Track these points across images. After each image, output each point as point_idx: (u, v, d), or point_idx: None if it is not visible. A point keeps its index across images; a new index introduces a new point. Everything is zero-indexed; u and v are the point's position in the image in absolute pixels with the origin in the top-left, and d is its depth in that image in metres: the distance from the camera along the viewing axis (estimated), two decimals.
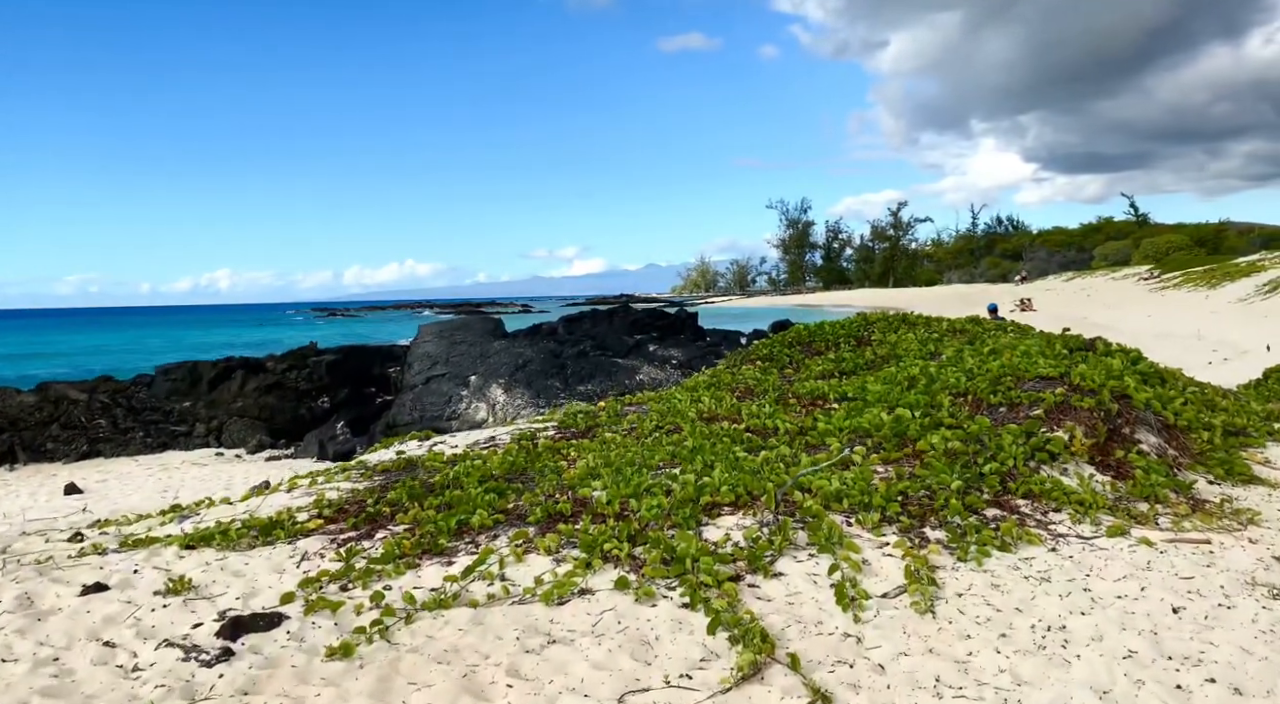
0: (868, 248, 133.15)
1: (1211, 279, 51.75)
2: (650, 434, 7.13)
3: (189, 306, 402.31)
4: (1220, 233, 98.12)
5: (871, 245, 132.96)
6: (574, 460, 6.54)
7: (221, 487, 12.28)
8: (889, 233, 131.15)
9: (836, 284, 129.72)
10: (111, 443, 15.05)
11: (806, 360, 9.61)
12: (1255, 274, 47.68)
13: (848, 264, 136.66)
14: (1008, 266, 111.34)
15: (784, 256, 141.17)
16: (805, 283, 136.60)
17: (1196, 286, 51.29)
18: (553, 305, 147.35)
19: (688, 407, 7.83)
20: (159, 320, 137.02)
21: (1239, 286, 45.10)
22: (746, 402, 7.86)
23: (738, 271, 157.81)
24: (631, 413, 8.16)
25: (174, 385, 17.06)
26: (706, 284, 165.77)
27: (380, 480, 6.55)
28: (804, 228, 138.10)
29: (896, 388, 7.04)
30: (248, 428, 16.04)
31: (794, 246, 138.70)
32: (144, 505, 10.52)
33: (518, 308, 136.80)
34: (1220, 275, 51.85)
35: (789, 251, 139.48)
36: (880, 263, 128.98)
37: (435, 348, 17.98)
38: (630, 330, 19.69)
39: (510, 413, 16.26)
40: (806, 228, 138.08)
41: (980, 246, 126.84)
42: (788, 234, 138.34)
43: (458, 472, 6.21)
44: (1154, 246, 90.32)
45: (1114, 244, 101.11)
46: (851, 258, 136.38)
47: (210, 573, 4.55)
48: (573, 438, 7.52)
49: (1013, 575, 4.05)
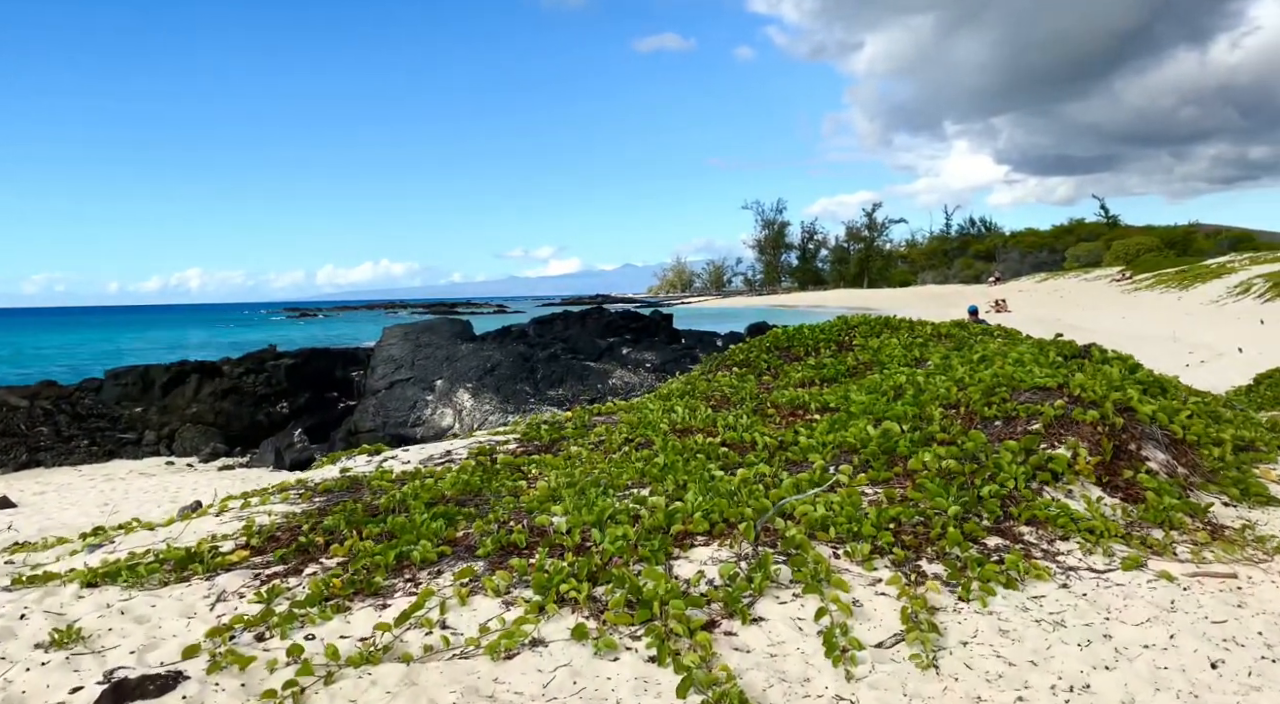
0: (843, 248, 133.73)
1: (1183, 281, 52.20)
2: (619, 448, 6.62)
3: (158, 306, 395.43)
4: (1189, 235, 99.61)
5: (846, 246, 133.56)
6: (535, 479, 6.01)
7: (167, 499, 11.59)
8: (864, 234, 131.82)
9: (812, 285, 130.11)
10: (53, 452, 14.26)
11: (785, 366, 9.14)
12: (1226, 276, 48.15)
13: (823, 265, 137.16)
14: (981, 268, 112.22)
15: (760, 257, 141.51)
16: (781, 283, 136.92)
17: (1169, 288, 51.72)
18: (528, 306, 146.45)
19: (660, 418, 7.31)
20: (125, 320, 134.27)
21: (1210, 288, 45.47)
22: (722, 412, 7.36)
23: (713, 272, 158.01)
24: (600, 424, 7.64)
25: (124, 390, 16.26)
26: (683, 284, 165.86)
27: (320, 502, 5.97)
28: (780, 228, 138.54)
29: (882, 398, 6.58)
30: (201, 435, 15.30)
31: (770, 247, 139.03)
32: (78, 522, 9.83)
33: (493, 308, 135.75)
34: (1192, 277, 52.33)
35: (765, 252, 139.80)
36: (855, 263, 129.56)
37: (400, 351, 17.33)
38: (604, 332, 19.14)
39: (477, 419, 15.66)
40: (782, 228, 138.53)
41: (954, 248, 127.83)
42: (763, 234, 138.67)
43: (405, 493, 5.64)
44: (1125, 248, 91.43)
45: (1085, 245, 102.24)
46: (827, 258, 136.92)
47: (109, 618, 3.96)
48: (536, 452, 6.98)
49: (1022, 618, 3.57)
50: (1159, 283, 56.49)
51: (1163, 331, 30.30)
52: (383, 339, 17.78)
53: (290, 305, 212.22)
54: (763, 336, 10.31)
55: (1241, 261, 54.85)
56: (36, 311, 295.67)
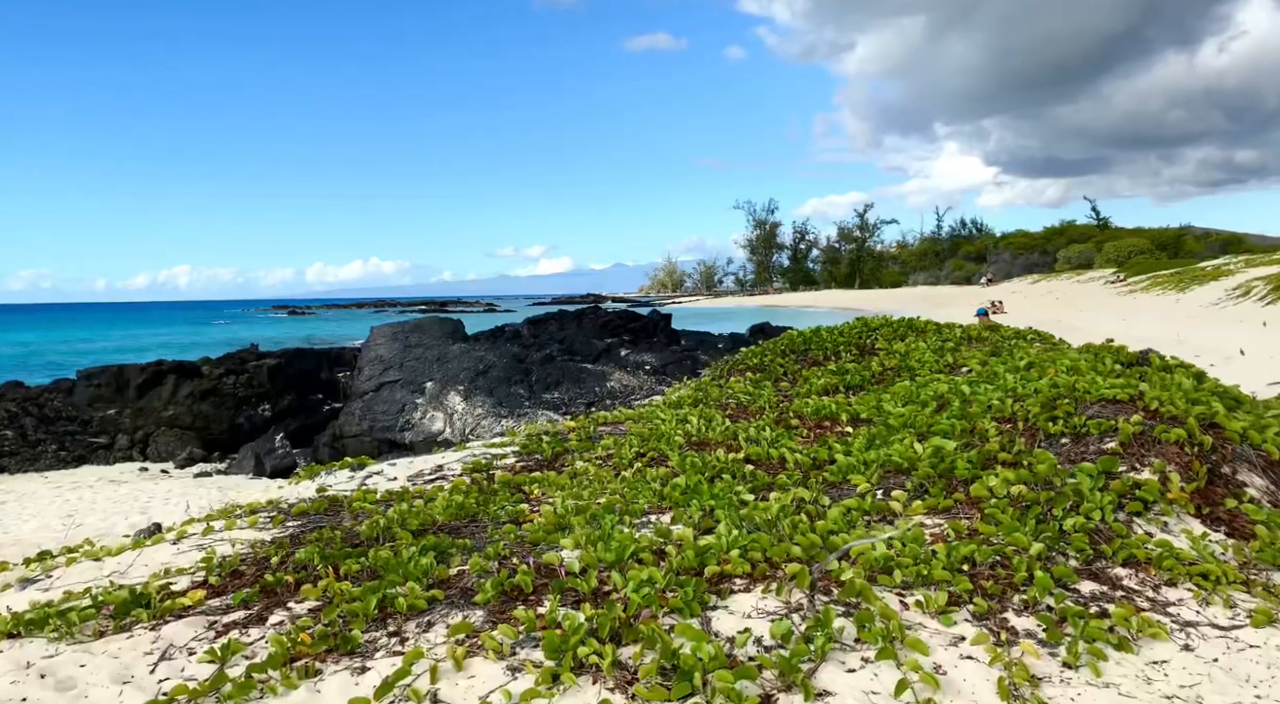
0: (834, 249, 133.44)
1: (1180, 283, 51.90)
2: (630, 465, 5.93)
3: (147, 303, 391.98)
4: (1180, 237, 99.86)
5: (838, 247, 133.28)
6: (538, 502, 5.31)
7: (136, 510, 10.83)
8: (856, 234, 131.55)
9: (803, 285, 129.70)
10: (17, 457, 13.46)
11: (804, 372, 8.47)
12: (1223, 278, 47.84)
13: (813, 265, 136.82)
14: (972, 269, 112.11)
15: (752, 257, 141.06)
16: (772, 283, 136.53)
17: (1165, 290, 51.39)
18: (520, 305, 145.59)
19: (673, 429, 6.63)
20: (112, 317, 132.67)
21: (1208, 291, 45.12)
22: (742, 423, 6.68)
23: (704, 272, 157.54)
24: (607, 436, 6.95)
25: (97, 391, 15.46)
26: (674, 284, 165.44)
27: (294, 527, 5.25)
28: (771, 229, 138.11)
29: (923, 410, 5.91)
30: (178, 439, 14.53)
31: (761, 247, 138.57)
32: (36, 537, 9.08)
33: (483, 307, 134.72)
34: (1188, 279, 52.03)
35: (756, 252, 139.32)
36: (847, 264, 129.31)
37: (388, 351, 16.59)
38: (600, 333, 18.44)
39: (470, 423, 14.95)
40: (774, 229, 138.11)
41: (945, 249, 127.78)
42: (755, 235, 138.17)
43: (391, 518, 4.94)
44: (1116, 250, 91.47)
45: (1077, 247, 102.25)
46: (818, 259, 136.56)
47: (24, 684, 3.25)
48: (538, 468, 6.29)
49: (1149, 695, 2.91)
50: (1155, 285, 56.20)
51: (1166, 334, 29.84)
52: (370, 338, 17.03)
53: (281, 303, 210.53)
54: (776, 339, 9.65)
55: (1237, 264, 54.63)
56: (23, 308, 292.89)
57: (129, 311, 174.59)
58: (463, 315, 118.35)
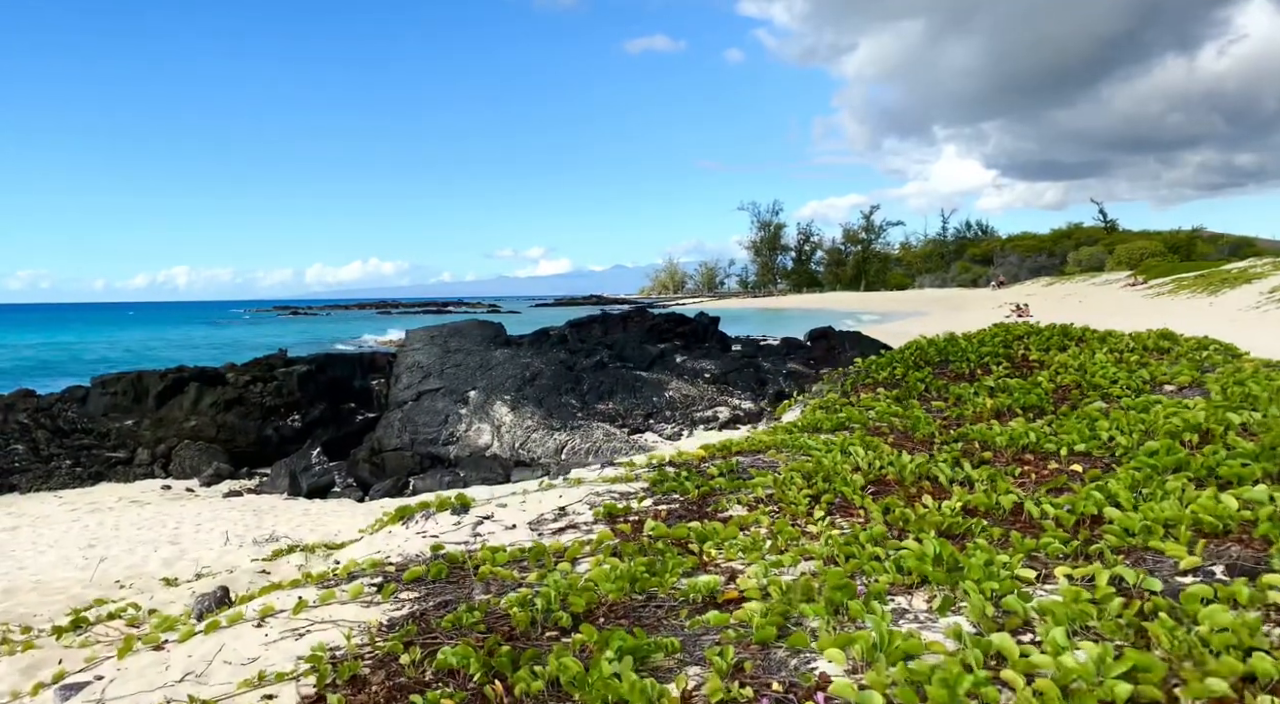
0: (839, 251, 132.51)
1: (1208, 285, 50.88)
2: (808, 512, 4.75)
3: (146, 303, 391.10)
4: (1192, 240, 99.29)
5: (843, 248, 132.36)
6: (716, 567, 4.12)
7: (165, 538, 9.63)
8: (861, 236, 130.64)
9: (806, 287, 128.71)
10: (30, 474, 12.26)
11: (952, 388, 7.28)
12: (1255, 281, 46.84)
13: (817, 267, 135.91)
14: (979, 271, 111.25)
15: (756, 259, 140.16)
16: (777, 285, 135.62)
17: (1194, 293, 50.35)
18: (522, 305, 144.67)
19: (838, 462, 5.43)
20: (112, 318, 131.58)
21: (1241, 294, 44.07)
22: (919, 456, 5.49)
23: (706, 274, 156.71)
24: (756, 469, 5.78)
25: (113, 400, 14.27)
26: (675, 286, 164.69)
27: (411, 601, 4.05)
28: (776, 230, 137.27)
29: (1179, 446, 4.71)
30: (202, 453, 13.34)
31: (765, 249, 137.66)
32: (56, 574, 7.88)
33: (486, 308, 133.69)
34: (1217, 281, 51.03)
35: (760, 254, 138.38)
36: (852, 266, 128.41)
37: (427, 357, 15.40)
38: (648, 337, 17.27)
39: (519, 436, 13.75)
40: (778, 230, 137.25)
41: (950, 251, 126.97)
42: (759, 236, 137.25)
43: (546, 596, 3.74)
44: (1128, 252, 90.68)
45: (1087, 249, 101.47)
46: (821, 261, 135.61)
47: None
48: (685, 513, 5.11)
49: None
50: (1180, 288, 55.15)
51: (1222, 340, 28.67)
52: (407, 343, 15.85)
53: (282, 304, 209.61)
54: (901, 349, 8.47)
55: (1264, 266, 53.60)
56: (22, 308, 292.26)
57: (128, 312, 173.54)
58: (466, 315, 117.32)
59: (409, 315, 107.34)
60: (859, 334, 16.65)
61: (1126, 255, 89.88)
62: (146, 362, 28.04)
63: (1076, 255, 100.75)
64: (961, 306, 70.69)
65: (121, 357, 44.00)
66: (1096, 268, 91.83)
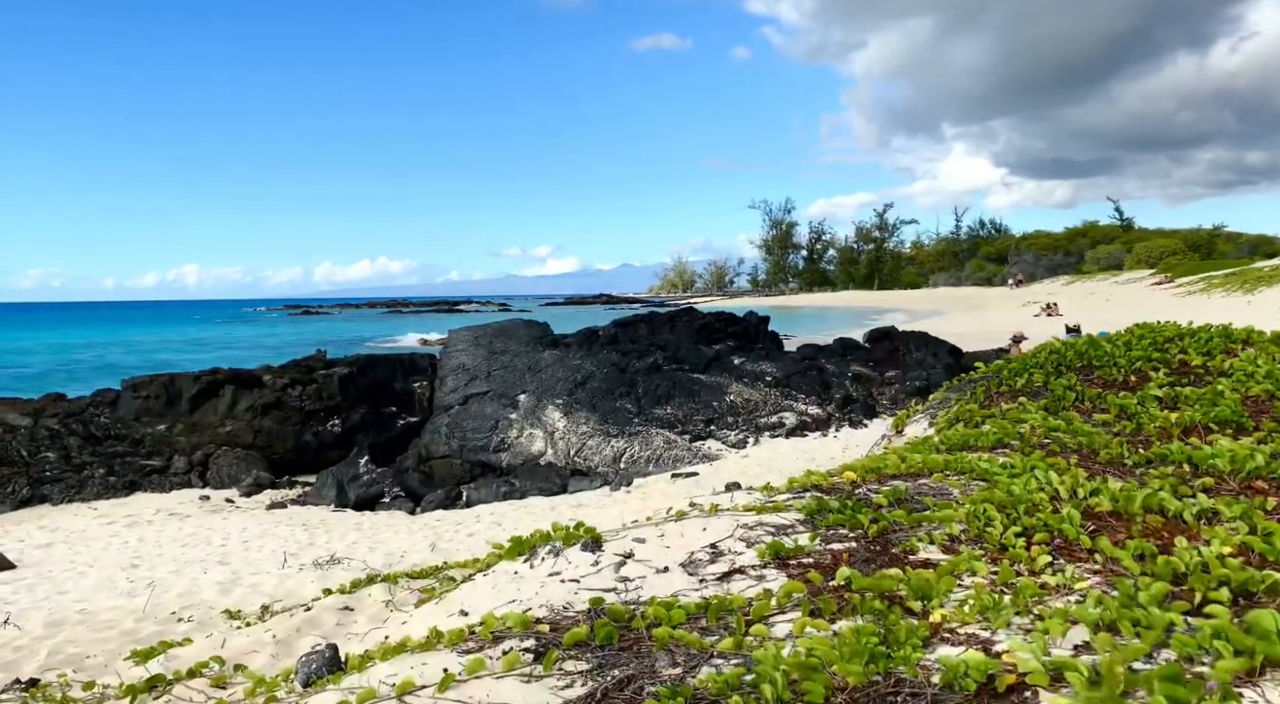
0: (851, 249, 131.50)
1: (1243, 284, 49.86)
2: (1029, 557, 3.95)
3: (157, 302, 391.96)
4: (1213, 238, 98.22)
5: (856, 247, 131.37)
6: (963, 637, 3.32)
7: (214, 557, 8.87)
8: (874, 234, 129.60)
9: (818, 286, 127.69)
10: (62, 484, 11.53)
11: (1107, 396, 6.47)
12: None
13: (829, 266, 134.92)
14: (993, 270, 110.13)
15: (767, 257, 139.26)
16: (788, 284, 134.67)
17: (1228, 291, 49.32)
18: (533, 305, 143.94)
19: (1030, 489, 4.63)
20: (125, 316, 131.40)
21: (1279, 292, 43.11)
22: (1128, 483, 4.69)
23: (715, 272, 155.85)
24: (926, 496, 4.99)
25: (145, 404, 13.54)
26: (684, 285, 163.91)
27: (577, 674, 3.26)
28: (788, 228, 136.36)
29: None
30: (240, 461, 12.58)
31: (777, 247, 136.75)
32: (98, 599, 7.12)
33: (496, 306, 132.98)
34: (1252, 279, 50.01)
35: (772, 252, 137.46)
36: (865, 264, 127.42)
37: (472, 358, 14.63)
38: (698, 337, 16.47)
39: (574, 443, 12.97)
40: (790, 228, 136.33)
41: (964, 250, 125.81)
42: (770, 234, 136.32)
43: (769, 677, 2.93)
44: (1147, 250, 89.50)
45: (1105, 248, 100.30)
46: (833, 259, 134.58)
47: None
48: (871, 557, 4.33)
49: None
50: (1211, 286, 54.09)
51: None
52: (450, 344, 15.07)
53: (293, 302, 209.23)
54: (1034, 354, 7.65)
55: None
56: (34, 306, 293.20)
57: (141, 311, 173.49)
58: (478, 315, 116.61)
59: (421, 314, 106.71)
60: (925, 334, 15.81)
61: (1146, 254, 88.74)
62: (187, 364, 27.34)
63: (1094, 254, 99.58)
64: (981, 305, 69.60)
65: (177, 357, 43.31)
66: (1115, 266, 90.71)
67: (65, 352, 52.26)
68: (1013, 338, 16.40)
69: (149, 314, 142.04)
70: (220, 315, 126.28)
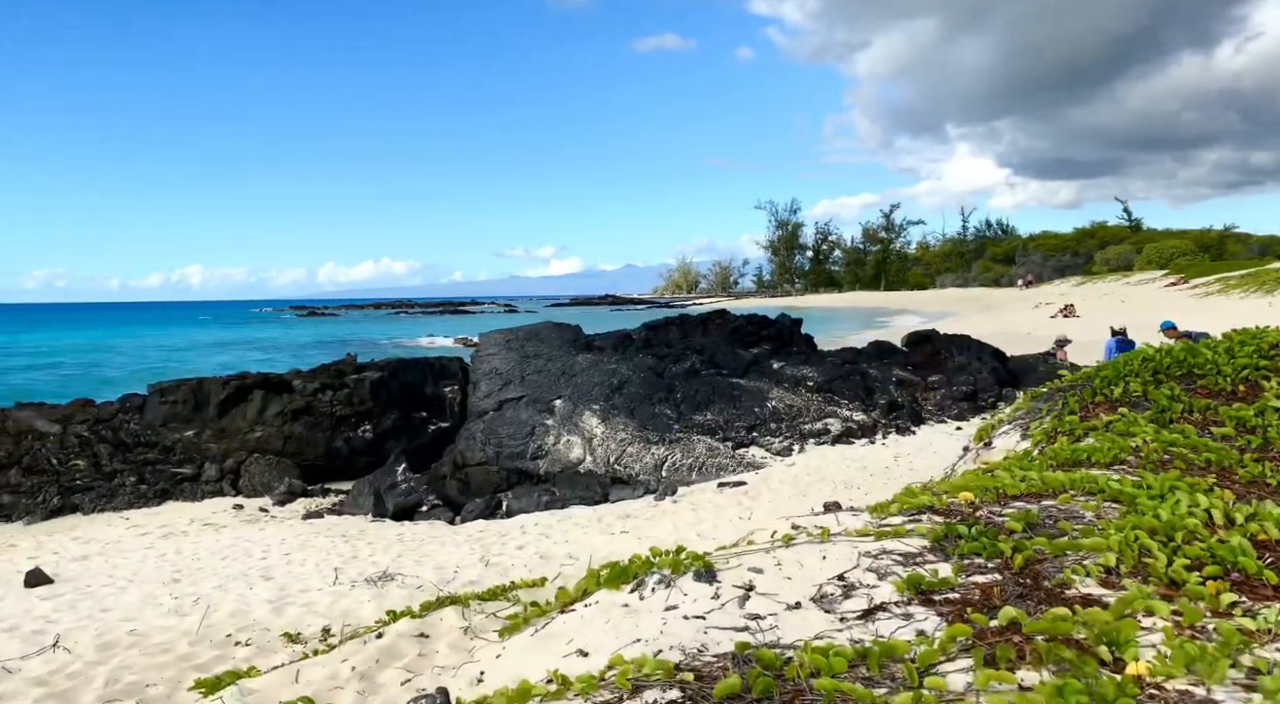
0: (858, 250, 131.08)
1: (1262, 284, 49.47)
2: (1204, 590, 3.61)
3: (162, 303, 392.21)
4: (1224, 238, 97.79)
5: (862, 247, 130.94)
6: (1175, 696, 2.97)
7: (256, 570, 8.53)
8: (881, 235, 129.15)
9: (824, 287, 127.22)
10: (92, 493, 11.19)
11: (1220, 408, 6.11)
12: None
13: (834, 267, 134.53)
14: (1001, 270, 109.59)
15: (773, 258, 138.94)
16: (795, 285, 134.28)
17: (1247, 292, 48.94)
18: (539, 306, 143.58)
19: (1179, 514, 4.28)
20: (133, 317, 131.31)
21: None
22: (1269, 503, 4.34)
23: (720, 273, 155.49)
24: (1057, 519, 4.64)
25: (172, 410, 13.21)
26: (688, 285, 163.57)
27: None
28: (794, 229, 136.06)
29: None
30: (272, 468, 12.24)
31: (783, 248, 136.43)
32: (143, 617, 6.78)
33: (502, 308, 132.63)
34: (1271, 280, 49.62)
35: (778, 253, 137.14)
36: (872, 265, 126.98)
37: (504, 362, 14.29)
38: (732, 340, 16.12)
39: (613, 450, 12.62)
40: (796, 229, 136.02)
41: (970, 251, 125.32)
42: (777, 235, 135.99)
43: None
44: (1158, 251, 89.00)
45: (1115, 249, 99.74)
46: (839, 260, 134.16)
47: None
48: (1022, 591, 3.98)
49: None
50: (1229, 287, 53.67)
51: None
52: (481, 348, 14.73)
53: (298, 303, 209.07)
54: (1125, 360, 7.27)
55: None
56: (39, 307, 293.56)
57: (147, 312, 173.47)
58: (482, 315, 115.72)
59: (428, 315, 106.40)
60: (967, 338, 15.43)
61: (1156, 254, 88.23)
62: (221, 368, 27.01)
63: (1104, 255, 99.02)
64: (992, 306, 69.05)
65: (201, 360, 42.93)
66: (1125, 267, 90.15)
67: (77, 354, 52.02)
68: (1057, 342, 16.04)
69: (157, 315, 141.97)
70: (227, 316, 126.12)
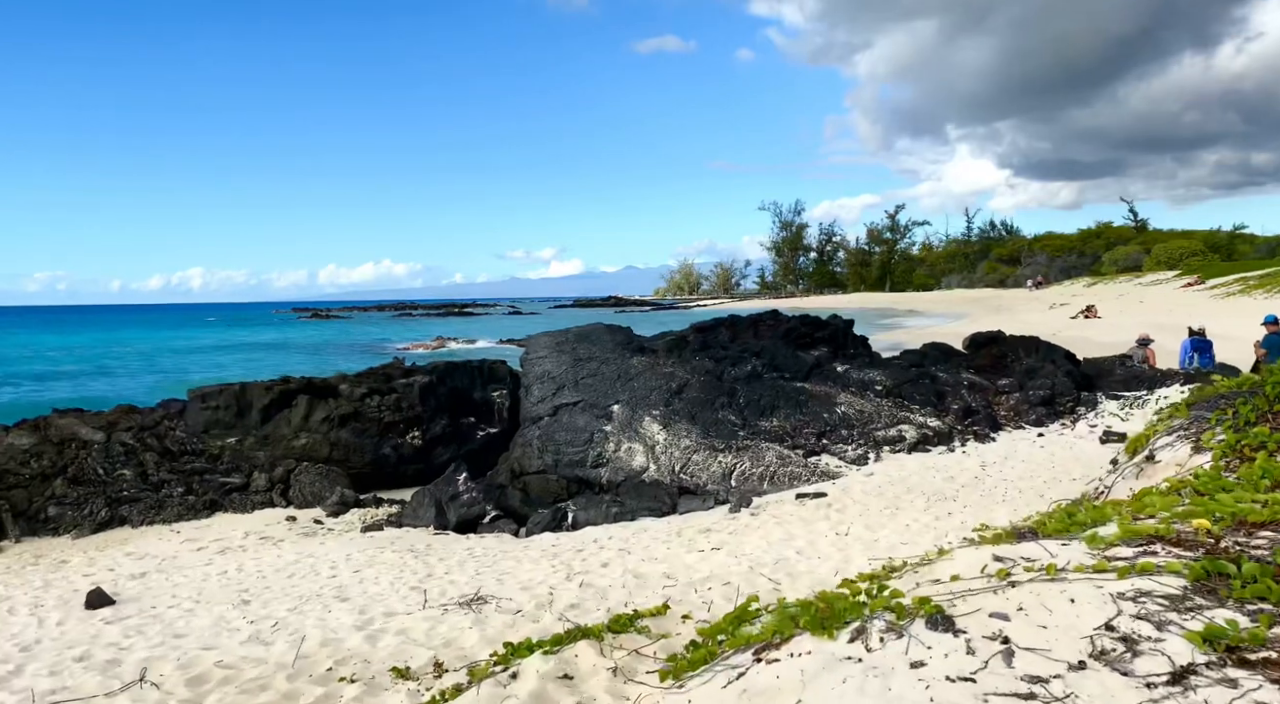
0: (862, 251, 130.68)
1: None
2: None
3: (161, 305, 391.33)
4: (1234, 238, 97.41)
5: (867, 248, 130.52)
6: None
7: (330, 589, 7.96)
8: (886, 236, 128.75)
9: (828, 288, 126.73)
10: (140, 504, 10.62)
11: None
12: None
13: (838, 268, 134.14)
14: (1006, 271, 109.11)
15: (777, 259, 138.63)
16: (799, 286, 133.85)
17: (1269, 293, 48.50)
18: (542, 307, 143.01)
19: None
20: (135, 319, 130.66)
21: None
22: None
23: (721, 274, 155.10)
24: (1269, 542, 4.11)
25: (214, 415, 12.65)
26: (690, 287, 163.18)
27: None
28: (798, 230, 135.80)
29: None
30: (323, 478, 11.67)
31: (787, 249, 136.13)
32: (234, 650, 6.19)
33: (505, 310, 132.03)
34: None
35: (781, 254, 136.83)
36: (877, 266, 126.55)
37: (556, 366, 13.74)
38: (786, 342, 15.57)
39: (676, 457, 12.07)
40: (800, 230, 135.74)
41: (975, 251, 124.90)
42: (780, 236, 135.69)
43: None
44: (1167, 252, 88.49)
45: (1123, 249, 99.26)
46: (842, 261, 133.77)
47: None
48: None
49: None
50: (1248, 288, 53.21)
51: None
52: (530, 351, 14.18)
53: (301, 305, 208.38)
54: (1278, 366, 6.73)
55: None
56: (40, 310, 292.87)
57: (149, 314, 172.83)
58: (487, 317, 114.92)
59: (432, 317, 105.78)
60: (1036, 339, 14.88)
61: (1165, 255, 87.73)
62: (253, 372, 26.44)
63: (1112, 255, 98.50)
64: (1003, 307, 68.41)
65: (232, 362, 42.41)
66: (1134, 268, 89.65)
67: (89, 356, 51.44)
68: (1138, 341, 15.46)
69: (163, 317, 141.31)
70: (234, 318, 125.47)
